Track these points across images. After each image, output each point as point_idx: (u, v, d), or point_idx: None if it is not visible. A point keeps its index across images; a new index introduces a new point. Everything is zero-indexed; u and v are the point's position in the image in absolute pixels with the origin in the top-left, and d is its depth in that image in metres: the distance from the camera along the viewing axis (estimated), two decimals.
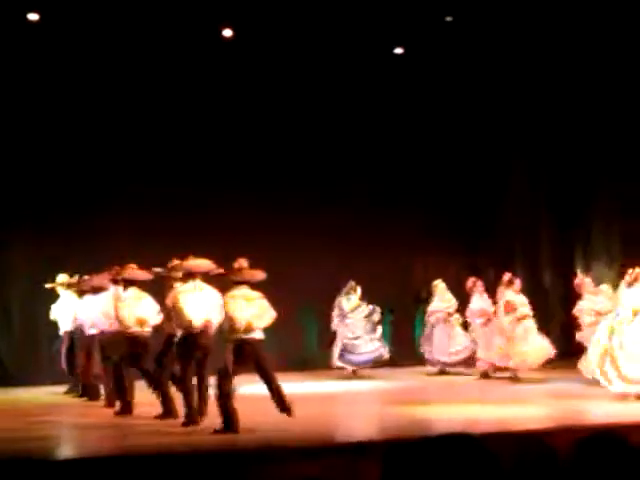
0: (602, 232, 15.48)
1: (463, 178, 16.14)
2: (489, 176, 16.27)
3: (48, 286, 12.72)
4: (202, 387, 9.42)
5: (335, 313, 14.34)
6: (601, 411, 10.18)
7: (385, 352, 14.22)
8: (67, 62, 13.74)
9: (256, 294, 8.99)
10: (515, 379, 12.93)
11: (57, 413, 10.97)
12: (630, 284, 11.00)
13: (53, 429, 9.97)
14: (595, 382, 11.61)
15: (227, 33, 13.89)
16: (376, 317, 14.41)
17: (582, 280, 12.96)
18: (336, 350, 14.17)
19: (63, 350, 12.60)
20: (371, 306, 14.40)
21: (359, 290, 14.43)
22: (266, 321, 8.94)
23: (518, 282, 13.42)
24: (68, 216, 13.79)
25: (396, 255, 15.71)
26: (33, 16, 13.06)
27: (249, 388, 9.32)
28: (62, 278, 12.69)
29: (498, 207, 16.31)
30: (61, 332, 12.69)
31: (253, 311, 8.84)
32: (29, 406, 11.51)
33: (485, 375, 13.53)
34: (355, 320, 14.27)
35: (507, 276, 13.48)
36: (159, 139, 14.47)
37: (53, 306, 12.80)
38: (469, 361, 14.21)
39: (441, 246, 15.86)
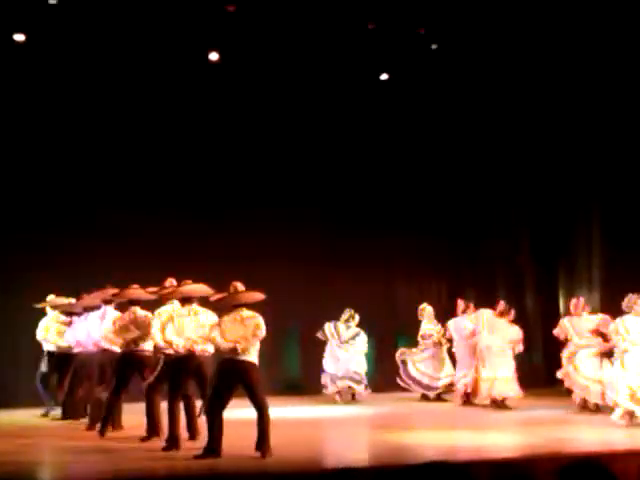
0: (584, 258, 15.56)
1: (447, 202, 16.21)
2: (473, 201, 16.35)
3: (38, 306, 12.61)
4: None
5: (329, 339, 14.38)
6: (583, 439, 10.20)
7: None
8: (53, 83, 13.74)
9: (250, 314, 8.98)
10: (498, 406, 12.93)
11: (40, 436, 10.87)
12: (630, 308, 11.08)
13: (37, 453, 9.87)
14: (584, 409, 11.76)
15: (213, 57, 13.92)
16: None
17: (580, 300, 12.79)
18: (327, 377, 14.22)
19: (42, 371, 12.48)
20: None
21: (357, 317, 14.49)
22: (251, 341, 8.89)
23: (513, 312, 13.37)
24: (48, 238, 13.66)
25: (379, 279, 15.74)
26: (19, 37, 13.07)
27: (236, 412, 9.27)
28: (51, 298, 12.61)
29: (481, 232, 16.38)
30: (44, 352, 12.59)
31: (243, 332, 8.84)
32: (12, 429, 11.40)
33: (466, 401, 13.48)
34: (357, 348, 14.37)
35: (501, 306, 13.38)
36: (144, 162, 14.44)
37: (40, 324, 12.67)
38: (448, 389, 14.23)
39: (423, 270, 15.92)
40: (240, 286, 9.17)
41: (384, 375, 14.95)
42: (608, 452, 8.60)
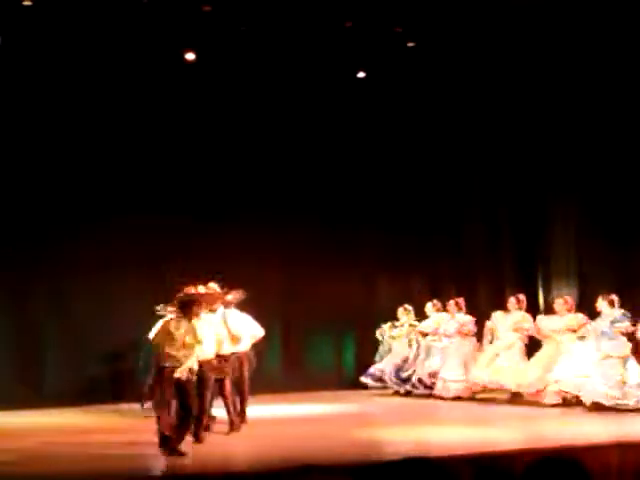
0: (561, 253, 15.69)
1: (424, 199, 16.28)
2: (450, 197, 16.43)
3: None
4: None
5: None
6: (562, 432, 10.25)
7: None
8: (27, 86, 13.53)
9: None
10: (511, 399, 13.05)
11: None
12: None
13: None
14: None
15: (190, 56, 13.85)
16: None
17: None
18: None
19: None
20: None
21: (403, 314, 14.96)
22: None
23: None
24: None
25: (358, 275, 15.80)
26: None
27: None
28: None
29: (459, 227, 16.47)
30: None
31: None
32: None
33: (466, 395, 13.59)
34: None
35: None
36: (129, 165, 14.25)
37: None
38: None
39: (402, 266, 16.00)
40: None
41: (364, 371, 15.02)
42: (586, 445, 8.67)
